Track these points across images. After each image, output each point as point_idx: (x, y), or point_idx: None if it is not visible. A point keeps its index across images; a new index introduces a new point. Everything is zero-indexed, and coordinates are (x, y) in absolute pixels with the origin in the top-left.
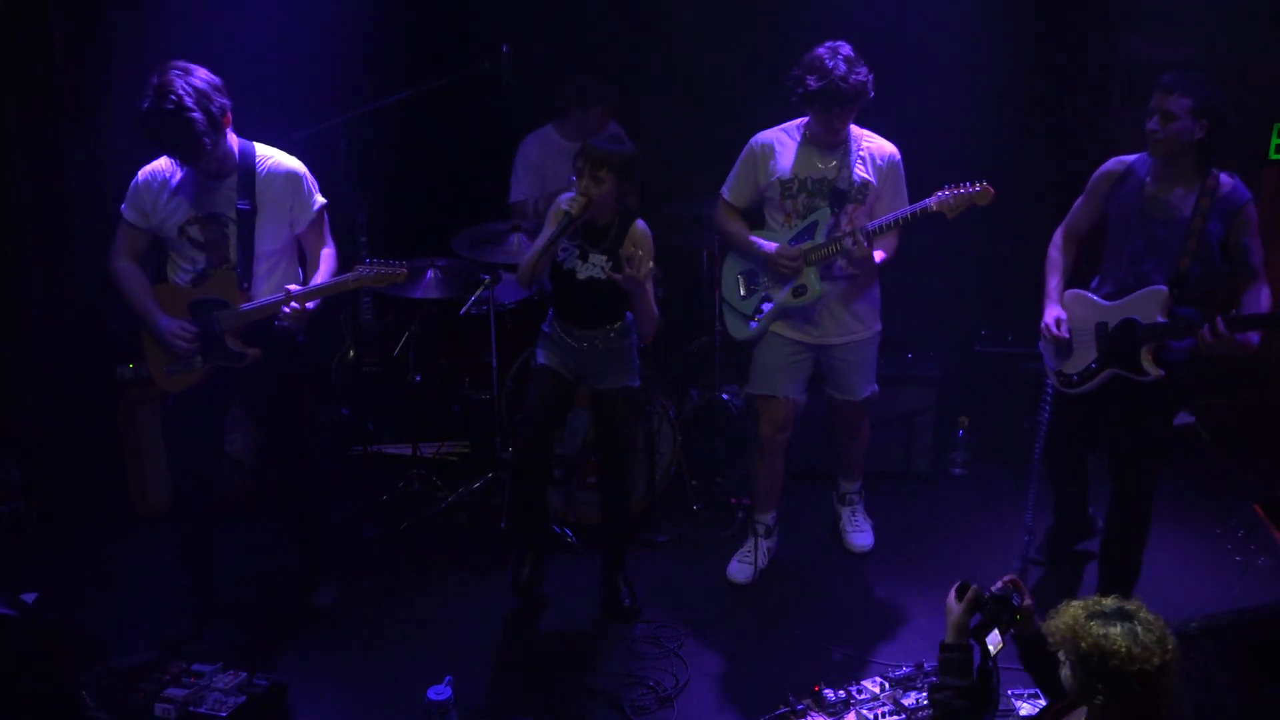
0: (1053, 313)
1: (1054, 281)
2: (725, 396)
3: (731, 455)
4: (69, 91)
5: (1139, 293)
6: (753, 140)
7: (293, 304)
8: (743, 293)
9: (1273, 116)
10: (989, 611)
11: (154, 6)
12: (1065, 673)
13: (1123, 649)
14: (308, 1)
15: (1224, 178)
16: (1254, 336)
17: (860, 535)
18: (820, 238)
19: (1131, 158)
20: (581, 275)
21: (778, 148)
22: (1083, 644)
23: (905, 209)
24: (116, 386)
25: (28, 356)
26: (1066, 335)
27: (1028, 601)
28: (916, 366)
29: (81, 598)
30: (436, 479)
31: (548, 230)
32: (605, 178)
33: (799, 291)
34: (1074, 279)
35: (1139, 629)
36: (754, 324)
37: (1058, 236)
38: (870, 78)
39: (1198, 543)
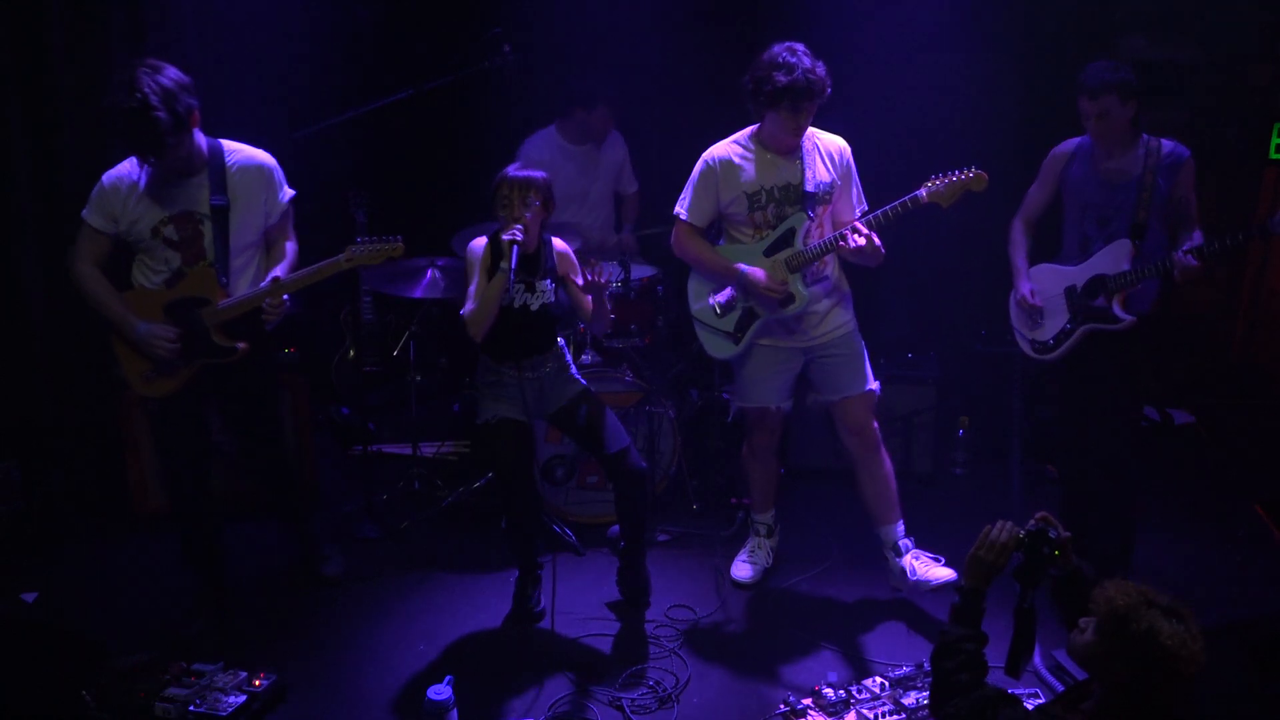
0: (1025, 285)
1: (1020, 258)
2: (725, 396)
3: (732, 455)
4: (69, 91)
5: (1104, 249)
6: (706, 158)
7: (274, 297)
8: (719, 311)
9: (1273, 116)
10: (1028, 548)
11: (153, 6)
12: (1085, 639)
13: (1170, 645)
14: (308, 2)
15: (1162, 140)
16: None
17: (931, 573)
18: (798, 244)
19: (1077, 139)
20: (535, 306)
21: (737, 160)
22: (1135, 625)
23: (897, 201)
24: (116, 386)
25: (28, 356)
26: (1040, 303)
27: (1065, 534)
28: (916, 366)
29: (81, 598)
30: (436, 479)
31: (490, 273)
32: (533, 200)
33: (786, 302)
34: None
35: (1188, 635)
36: (739, 342)
37: (1016, 222)
38: (828, 74)
39: (1198, 543)
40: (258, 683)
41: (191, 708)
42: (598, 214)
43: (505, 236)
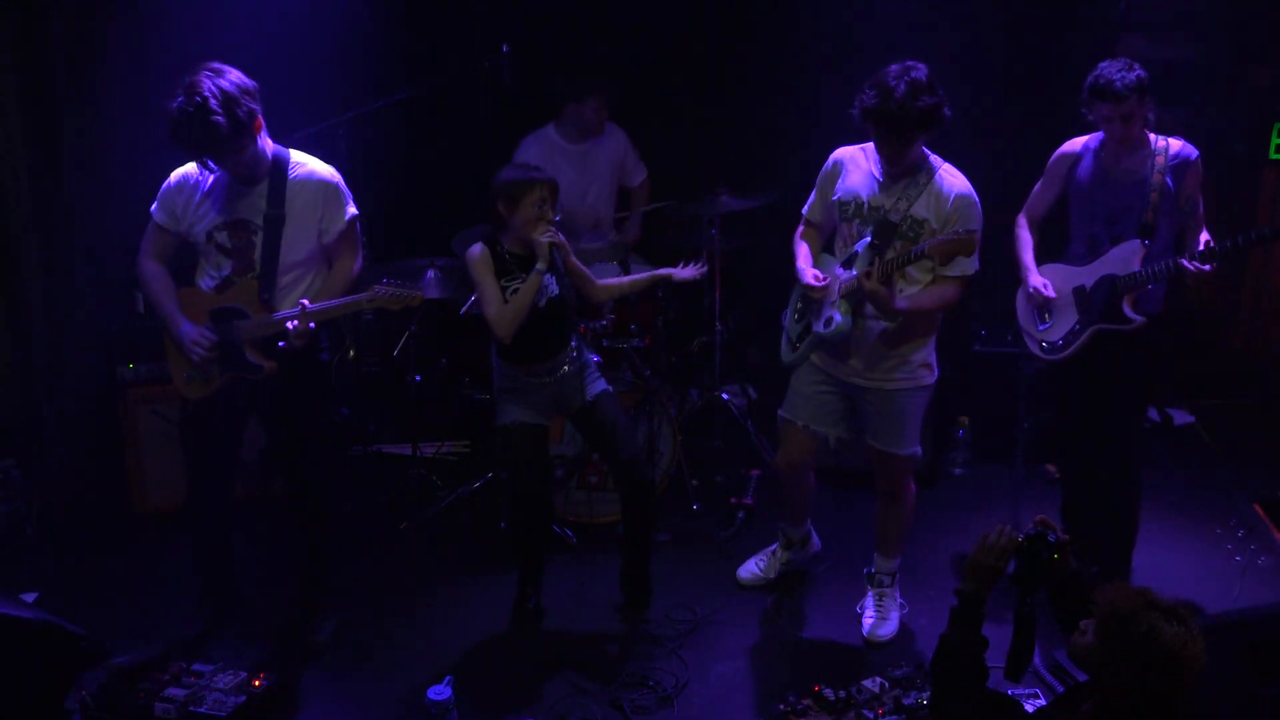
0: (1037, 279)
1: (1028, 256)
2: (725, 396)
3: (731, 455)
4: (69, 91)
5: (1113, 250)
6: (831, 155)
7: (293, 321)
8: (796, 317)
9: (1273, 116)
10: (1026, 552)
11: (154, 7)
12: (1085, 641)
13: (1171, 646)
14: (307, 2)
15: (1171, 139)
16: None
17: (883, 625)
18: (855, 269)
19: (1085, 138)
20: (541, 303)
21: (848, 165)
22: (1135, 627)
23: (903, 254)
24: (116, 386)
25: (28, 356)
26: (1054, 295)
27: (1064, 537)
28: None
29: (82, 598)
30: (436, 479)
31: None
32: (557, 201)
33: (828, 322)
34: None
35: (1189, 637)
36: (796, 351)
37: (1021, 220)
38: (938, 106)
39: (1198, 543)
40: (258, 683)
41: (191, 708)
42: (595, 213)
43: (544, 239)
